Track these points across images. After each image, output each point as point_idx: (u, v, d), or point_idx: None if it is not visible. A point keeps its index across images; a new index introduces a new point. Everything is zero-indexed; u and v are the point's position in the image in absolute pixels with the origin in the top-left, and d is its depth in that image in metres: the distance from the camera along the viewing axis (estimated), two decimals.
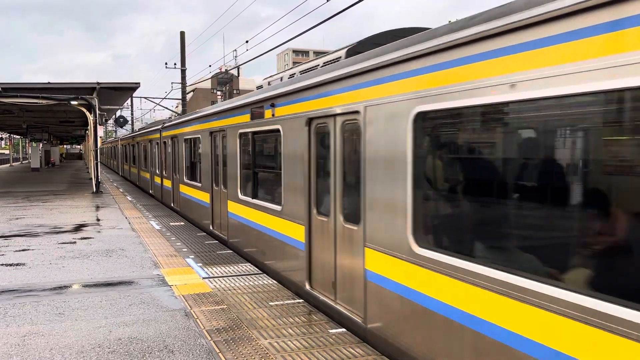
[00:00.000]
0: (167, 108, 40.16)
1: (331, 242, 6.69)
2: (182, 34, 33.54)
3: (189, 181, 15.38)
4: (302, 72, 9.08)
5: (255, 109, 9.34)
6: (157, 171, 21.53)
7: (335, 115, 6.46)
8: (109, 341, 5.82)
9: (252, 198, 9.72)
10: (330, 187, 6.67)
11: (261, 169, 9.48)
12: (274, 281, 8.33)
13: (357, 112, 5.86)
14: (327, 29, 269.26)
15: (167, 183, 19.22)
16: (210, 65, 45.65)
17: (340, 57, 7.74)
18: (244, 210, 10.22)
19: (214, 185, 12.50)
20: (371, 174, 5.58)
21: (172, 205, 18.21)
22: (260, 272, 9.00)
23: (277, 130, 8.25)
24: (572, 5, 3.20)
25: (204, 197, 13.47)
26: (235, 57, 49.42)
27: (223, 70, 44.47)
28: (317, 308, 7.00)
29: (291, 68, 9.93)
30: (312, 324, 6.31)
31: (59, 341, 5.84)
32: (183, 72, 33.69)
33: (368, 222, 5.68)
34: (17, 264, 9.75)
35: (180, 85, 34.08)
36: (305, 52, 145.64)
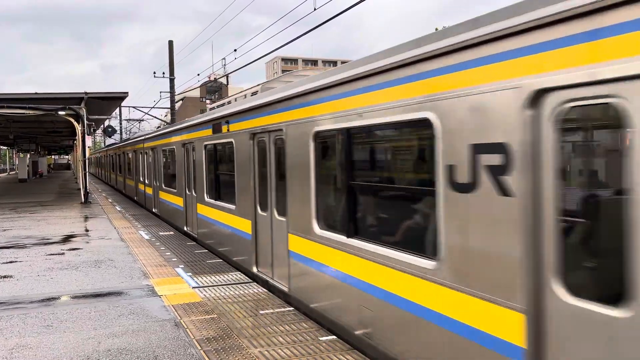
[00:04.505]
0: (155, 117, 40.08)
1: None
2: (170, 43, 33.56)
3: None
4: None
5: None
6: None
7: None
8: (98, 353, 5.79)
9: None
10: None
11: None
12: (264, 289, 8.33)
13: None
14: (315, 36, 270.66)
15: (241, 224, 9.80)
16: (198, 74, 45.63)
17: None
18: None
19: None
20: None
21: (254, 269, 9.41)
22: (250, 280, 8.97)
23: None
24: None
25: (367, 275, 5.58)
26: (224, 65, 49.48)
27: (212, 78, 44.48)
28: None
29: None
30: (302, 332, 6.32)
31: (47, 353, 5.79)
32: (171, 81, 33.67)
33: None
34: (4, 276, 9.65)
35: (169, 95, 34.04)
36: (294, 60, 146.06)
